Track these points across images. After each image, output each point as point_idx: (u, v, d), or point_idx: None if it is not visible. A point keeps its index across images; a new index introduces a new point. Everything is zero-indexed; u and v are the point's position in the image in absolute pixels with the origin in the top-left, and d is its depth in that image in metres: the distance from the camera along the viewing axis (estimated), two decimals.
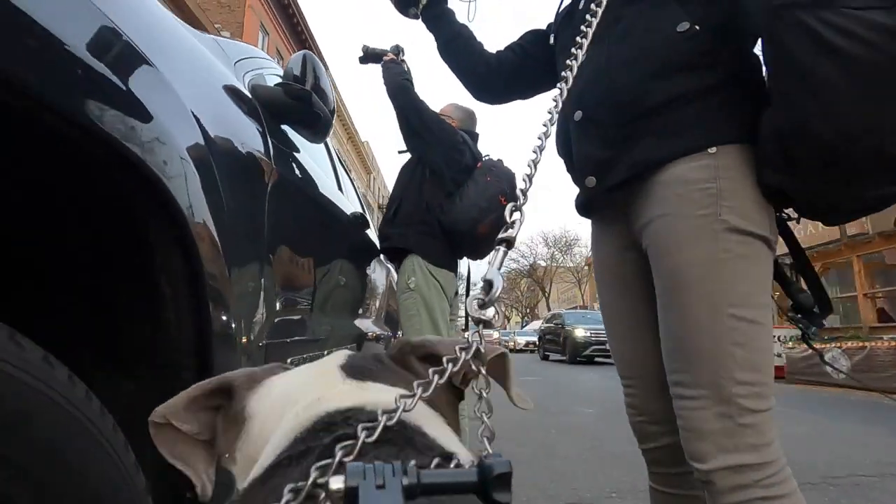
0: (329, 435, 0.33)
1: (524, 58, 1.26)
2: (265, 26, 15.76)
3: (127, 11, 0.71)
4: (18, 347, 0.44)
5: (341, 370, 0.43)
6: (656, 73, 0.89)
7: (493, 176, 2.08)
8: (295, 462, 0.32)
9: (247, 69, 1.35)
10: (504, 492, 0.25)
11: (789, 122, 0.77)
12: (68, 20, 0.56)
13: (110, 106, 0.60)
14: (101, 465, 0.51)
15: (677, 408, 0.86)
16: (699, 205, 0.84)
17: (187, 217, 0.72)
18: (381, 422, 0.32)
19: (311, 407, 0.37)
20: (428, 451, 0.33)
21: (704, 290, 0.83)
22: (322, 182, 1.70)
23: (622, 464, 2.89)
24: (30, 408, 0.43)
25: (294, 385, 0.43)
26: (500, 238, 0.57)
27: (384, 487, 0.23)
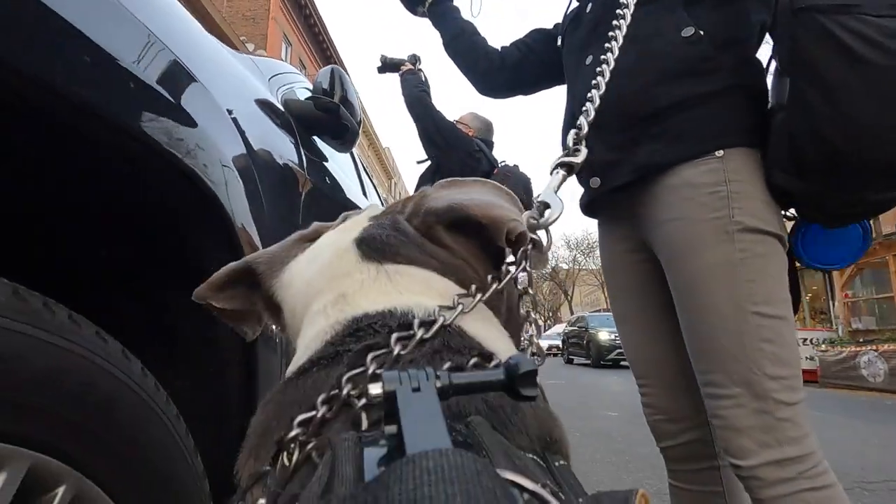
0: (357, 342, 0.33)
1: (527, 55, 1.30)
2: (288, 37, 16.11)
3: (177, 36, 0.77)
4: (104, 342, 0.50)
5: (356, 247, 0.40)
6: (660, 78, 0.91)
7: (508, 182, 2.12)
8: (325, 367, 0.32)
9: (280, 84, 1.42)
10: (530, 388, 0.26)
11: (802, 125, 0.79)
12: (127, 44, 0.61)
13: (163, 121, 0.66)
14: (167, 447, 0.57)
15: (712, 407, 0.87)
16: (711, 208, 0.86)
17: (233, 221, 0.78)
18: (417, 335, 0.32)
19: (337, 306, 0.37)
20: (466, 351, 0.33)
21: (726, 290, 0.85)
22: (349, 188, 1.77)
23: (647, 466, 2.88)
24: (114, 394, 0.50)
25: (315, 271, 0.41)
26: (559, 161, 0.56)
27: (419, 390, 0.23)
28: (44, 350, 0.43)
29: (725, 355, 0.84)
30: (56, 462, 0.45)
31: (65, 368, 0.45)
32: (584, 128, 0.64)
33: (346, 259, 0.40)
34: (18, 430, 0.41)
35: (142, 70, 0.63)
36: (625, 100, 0.93)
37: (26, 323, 0.42)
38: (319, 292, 0.39)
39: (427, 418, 0.22)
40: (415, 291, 0.37)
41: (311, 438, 0.28)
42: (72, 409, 0.46)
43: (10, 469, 0.41)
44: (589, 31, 1.04)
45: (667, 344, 0.99)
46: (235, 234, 0.79)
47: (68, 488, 0.46)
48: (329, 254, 0.41)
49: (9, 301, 0.41)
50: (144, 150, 0.63)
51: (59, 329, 0.45)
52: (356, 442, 0.23)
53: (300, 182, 1.18)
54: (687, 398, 0.98)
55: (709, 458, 0.97)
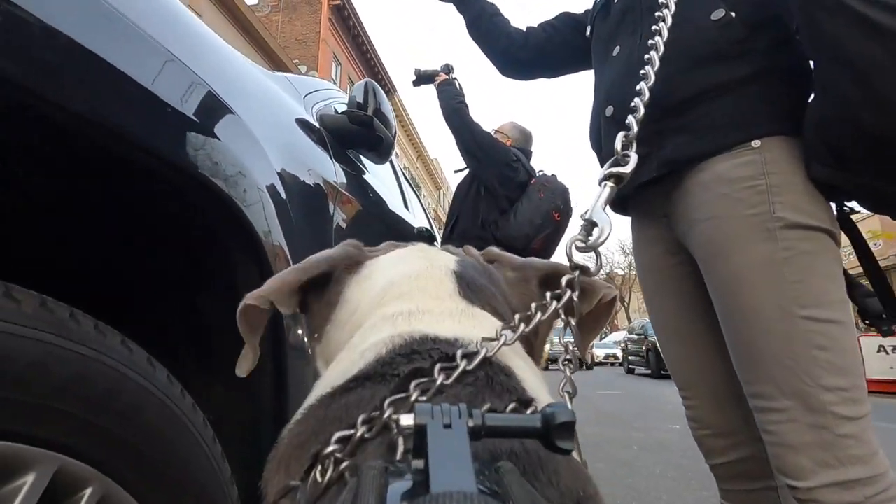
0: (408, 364, 0.33)
1: (553, 36, 1.27)
2: (337, 57, 16.76)
3: (214, 67, 0.82)
4: (129, 351, 0.53)
5: (455, 280, 0.41)
6: (687, 65, 0.86)
7: (546, 192, 2.09)
8: (370, 386, 0.32)
9: (315, 101, 1.47)
10: (567, 440, 0.25)
11: (833, 111, 0.72)
12: (164, 79, 0.66)
13: (199, 149, 0.70)
14: (194, 452, 0.59)
15: (761, 422, 0.81)
16: (748, 203, 0.80)
17: (264, 240, 0.82)
18: (460, 366, 0.32)
19: (409, 320, 0.37)
20: (506, 395, 0.33)
21: (770, 293, 0.78)
22: (388, 200, 1.80)
23: (711, 484, 2.70)
24: (140, 401, 0.52)
25: (399, 276, 0.41)
26: (607, 173, 0.53)
27: (450, 427, 0.23)
28: (69, 358, 0.46)
29: (772, 364, 0.77)
30: (82, 465, 0.47)
31: (90, 375, 0.48)
32: (633, 127, 0.60)
33: (442, 285, 0.41)
34: (46, 433, 0.44)
35: (182, 104, 0.68)
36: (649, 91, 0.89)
37: (53, 332, 0.45)
38: (400, 297, 0.39)
39: (455, 458, 0.22)
40: (487, 332, 0.38)
41: (346, 457, 0.29)
42: (97, 415, 0.48)
43: (39, 470, 0.44)
44: (618, 21, 1.00)
45: (711, 352, 0.92)
46: (265, 250, 0.82)
47: (95, 490, 0.48)
48: (422, 268, 0.42)
49: (36, 312, 0.44)
50: (187, 178, 0.68)
51: (85, 338, 0.48)
52: (382, 472, 0.23)
53: (331, 195, 1.21)
54: (736, 411, 0.91)
55: (764, 477, 0.89)
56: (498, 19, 1.37)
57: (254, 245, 0.81)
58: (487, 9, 1.38)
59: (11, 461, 0.43)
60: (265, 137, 0.92)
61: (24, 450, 0.43)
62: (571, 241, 0.44)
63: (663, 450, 3.72)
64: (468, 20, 1.40)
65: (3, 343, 0.41)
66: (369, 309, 0.40)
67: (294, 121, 1.18)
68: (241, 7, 11.14)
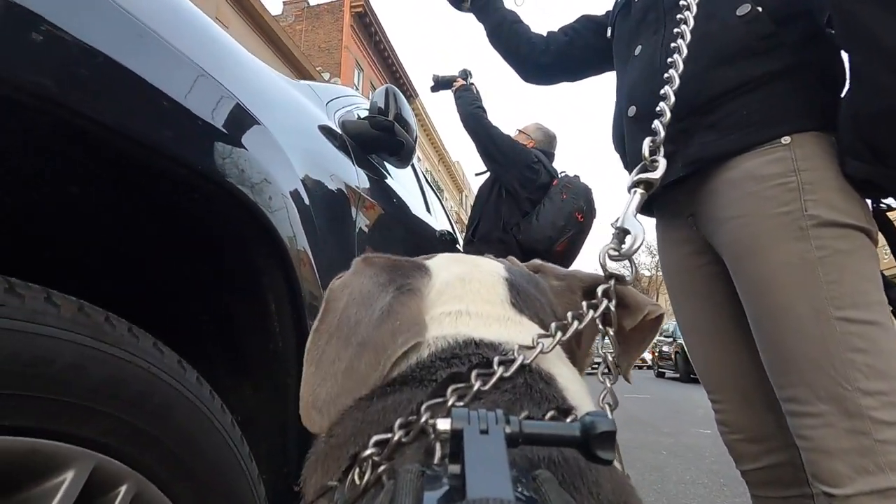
0: (446, 368, 0.33)
1: (574, 39, 1.26)
2: (360, 63, 16.98)
3: (240, 79, 0.85)
4: (160, 353, 0.55)
5: (507, 287, 0.41)
6: (712, 62, 0.84)
7: (568, 193, 2.07)
8: (408, 390, 0.33)
9: (337, 107, 1.50)
10: (607, 450, 0.24)
11: (870, 105, 0.69)
12: (195, 93, 0.69)
13: (226, 158, 0.73)
14: (222, 452, 0.61)
15: (795, 426, 0.78)
16: (778, 202, 0.77)
17: (288, 246, 0.83)
18: (497, 372, 0.32)
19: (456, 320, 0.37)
20: (545, 404, 0.32)
21: (804, 293, 0.75)
22: (410, 204, 1.81)
23: (745, 490, 2.62)
24: (171, 401, 0.54)
25: (454, 277, 0.42)
26: (636, 180, 0.53)
27: (487, 433, 0.23)
28: (105, 360, 0.48)
29: (807, 367, 0.74)
30: (118, 463, 0.49)
31: (124, 377, 0.50)
32: (660, 132, 0.60)
33: (494, 290, 0.41)
34: (83, 432, 0.46)
35: (211, 117, 0.71)
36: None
37: (89, 336, 0.47)
38: (453, 299, 0.40)
39: (491, 464, 0.21)
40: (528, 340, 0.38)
41: (384, 461, 0.29)
42: (131, 415, 0.50)
43: (77, 468, 0.46)
44: (638, 21, 0.99)
45: (741, 354, 0.90)
46: (289, 256, 0.84)
47: (129, 487, 0.50)
48: (475, 272, 0.42)
49: (74, 316, 0.46)
50: (215, 187, 0.70)
51: (119, 341, 0.50)
52: (419, 476, 0.23)
53: (354, 200, 1.22)
54: (768, 415, 0.88)
55: (798, 484, 0.87)
56: (518, 26, 1.37)
57: (279, 250, 0.83)
58: (508, 16, 1.38)
59: (52, 459, 0.45)
60: (289, 145, 0.95)
61: (63, 448, 0.45)
62: (605, 250, 0.43)
63: (694, 455, 3.63)
64: (489, 29, 1.40)
65: (44, 345, 0.43)
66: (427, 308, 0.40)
67: (317, 128, 1.20)
68: (266, 17, 11.40)
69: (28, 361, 0.42)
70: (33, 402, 0.43)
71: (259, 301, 0.85)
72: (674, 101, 0.87)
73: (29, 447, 0.43)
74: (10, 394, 0.41)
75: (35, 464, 0.44)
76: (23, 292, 0.44)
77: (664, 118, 0.63)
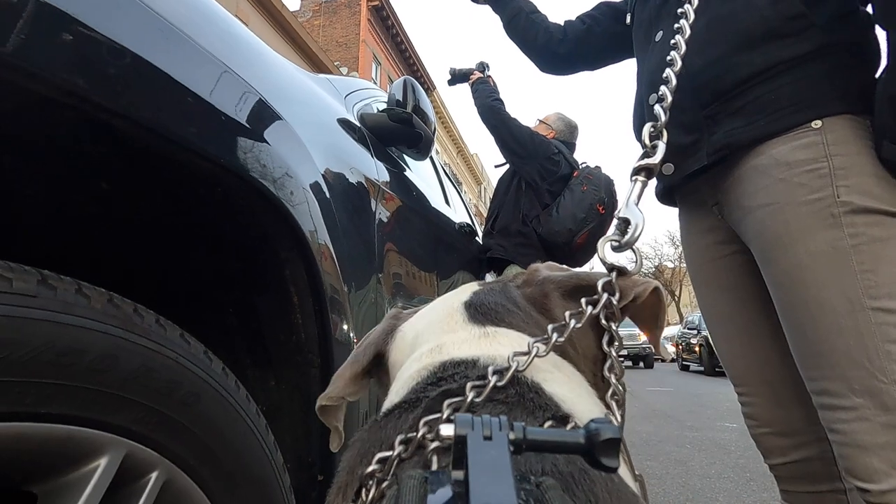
0: (437, 388, 0.34)
1: (592, 27, 1.24)
2: (377, 57, 16.99)
3: (262, 74, 0.86)
4: (187, 344, 0.56)
5: (464, 310, 0.42)
6: (737, 45, 0.81)
7: (589, 185, 2.04)
8: (406, 410, 0.34)
9: (355, 101, 1.50)
10: (611, 457, 0.24)
11: None
12: (219, 89, 0.70)
13: (249, 153, 0.73)
14: (248, 440, 0.62)
15: (828, 420, 0.76)
16: (809, 188, 0.75)
17: (310, 239, 0.84)
18: (490, 382, 0.32)
19: (431, 355, 0.39)
20: (539, 412, 0.32)
21: (837, 283, 0.73)
22: (429, 196, 1.81)
23: (774, 485, 2.57)
24: (198, 391, 0.55)
25: (421, 326, 0.44)
26: (637, 167, 0.51)
27: (491, 439, 0.23)
28: (135, 350, 0.49)
29: (840, 359, 0.72)
30: (148, 450, 0.51)
31: (153, 367, 0.51)
32: (661, 117, 0.59)
33: (454, 319, 0.42)
34: (116, 420, 0.48)
35: (235, 112, 0.72)
36: (695, 76, 0.84)
37: (120, 326, 0.48)
38: (422, 343, 0.41)
39: (495, 470, 0.21)
40: (506, 347, 0.38)
41: (386, 476, 0.30)
42: (161, 404, 0.52)
43: (111, 454, 0.47)
44: (659, 5, 0.96)
45: (768, 346, 0.87)
46: (311, 249, 0.85)
47: (160, 474, 0.51)
48: (439, 313, 0.44)
49: (104, 307, 0.48)
50: (239, 181, 0.71)
51: (147, 332, 0.51)
52: (422, 482, 0.23)
53: (374, 192, 1.23)
54: (797, 409, 0.86)
55: (830, 479, 0.84)
56: (535, 16, 1.35)
57: (301, 244, 0.83)
58: (524, 7, 1.36)
59: (86, 445, 0.46)
60: (309, 139, 0.95)
61: (97, 435, 0.46)
62: (605, 241, 0.43)
63: (719, 449, 3.57)
64: (505, 20, 1.39)
65: (77, 336, 0.45)
66: (403, 359, 0.42)
67: (336, 121, 1.21)
68: (285, 14, 11.49)
69: (63, 351, 0.44)
70: (68, 391, 0.44)
71: (282, 293, 0.87)
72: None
73: (65, 434, 0.45)
74: (47, 382, 0.43)
75: (71, 450, 0.46)
76: (55, 284, 0.46)
77: (665, 102, 0.61)
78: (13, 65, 0.44)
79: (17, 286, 0.42)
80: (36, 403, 0.42)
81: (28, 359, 0.42)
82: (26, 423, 0.42)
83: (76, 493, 0.45)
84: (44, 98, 0.48)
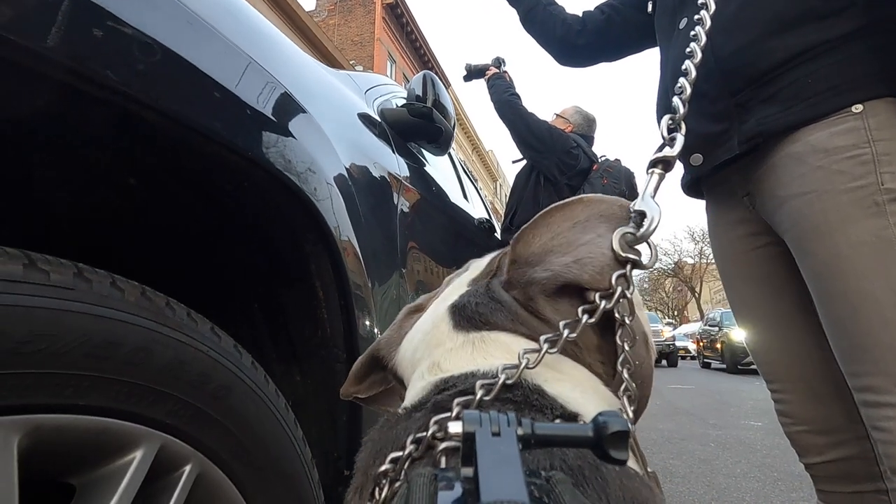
0: (445, 392, 0.35)
1: (612, 17, 1.21)
2: (392, 55, 17.02)
3: (287, 68, 0.86)
4: (217, 337, 0.56)
5: (450, 317, 0.42)
6: (771, 29, 0.78)
7: (609, 178, 2.01)
8: (414, 411, 0.35)
9: (375, 96, 1.50)
10: (620, 450, 0.24)
11: None
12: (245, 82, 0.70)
13: (275, 146, 0.73)
14: (277, 434, 0.62)
15: (872, 418, 0.73)
16: (850, 176, 0.71)
17: (335, 234, 0.84)
18: (499, 380, 0.33)
19: (430, 372, 0.39)
20: (547, 411, 0.33)
21: (880, 275, 0.70)
22: (448, 191, 1.80)
23: (803, 485, 2.50)
24: (229, 384, 0.55)
25: (418, 341, 0.44)
26: (655, 159, 0.50)
27: (499, 435, 0.23)
28: (168, 343, 0.49)
29: (885, 354, 0.69)
30: (182, 443, 0.51)
31: (185, 360, 0.51)
32: (679, 109, 0.57)
33: (440, 328, 0.42)
34: (150, 413, 0.48)
35: (261, 106, 0.72)
36: (726, 61, 0.81)
37: (152, 319, 0.48)
38: (420, 360, 0.42)
39: (504, 466, 0.21)
40: (496, 356, 0.38)
41: (398, 475, 0.30)
42: (193, 397, 0.52)
43: (146, 447, 0.47)
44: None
45: (805, 341, 0.84)
46: (336, 244, 0.84)
47: (193, 467, 0.52)
48: (429, 324, 0.44)
49: (137, 300, 0.48)
50: (265, 175, 0.71)
51: (179, 325, 0.51)
52: (431, 480, 0.23)
53: (396, 188, 1.22)
54: (836, 406, 0.83)
55: (871, 479, 0.81)
56: (553, 8, 1.32)
57: (326, 238, 0.83)
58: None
59: (123, 438, 0.46)
60: (333, 133, 0.95)
61: (133, 428, 0.47)
62: (619, 233, 0.41)
63: (745, 448, 3.50)
64: (522, 13, 1.37)
65: (113, 328, 0.45)
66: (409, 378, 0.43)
67: (357, 116, 1.21)
68: (301, 14, 11.57)
69: (99, 343, 0.44)
70: (104, 383, 0.44)
71: (307, 288, 0.87)
72: (723, 71, 0.82)
73: (102, 427, 0.45)
74: (84, 375, 0.43)
75: (107, 442, 0.46)
76: (91, 277, 0.46)
77: (684, 95, 0.58)
78: (44, 57, 0.44)
79: (55, 279, 0.43)
80: (74, 396, 0.43)
81: (66, 351, 0.42)
82: (65, 415, 0.43)
83: (113, 485, 0.45)
84: (74, 91, 0.48)
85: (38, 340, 0.40)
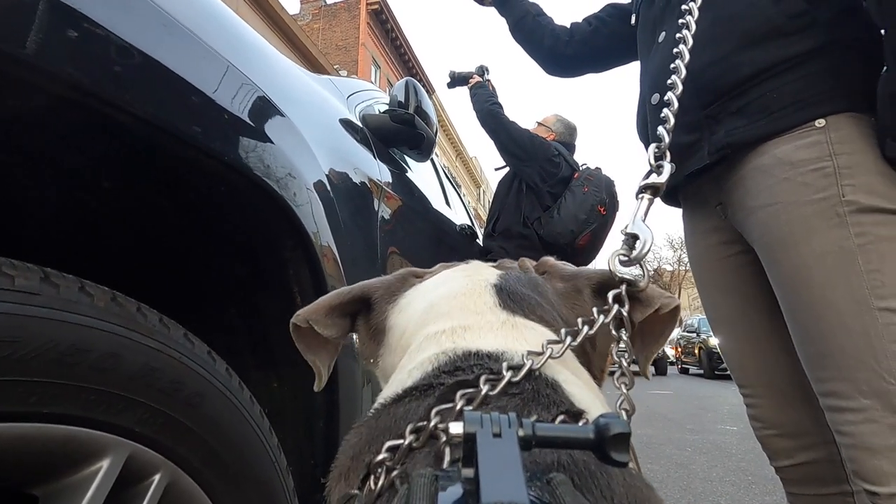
0: (452, 377, 0.34)
1: (599, 28, 1.24)
2: (376, 60, 17.02)
3: (266, 72, 0.85)
4: (191, 344, 0.56)
5: (495, 293, 0.41)
6: (740, 44, 0.81)
7: (590, 186, 2.04)
8: (417, 398, 0.33)
9: (357, 101, 1.50)
10: (621, 452, 0.24)
11: None
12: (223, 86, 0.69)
13: (253, 152, 0.73)
14: (252, 442, 0.61)
15: (836, 422, 0.75)
16: (814, 188, 0.74)
17: (313, 240, 0.84)
18: (505, 377, 0.32)
19: (452, 336, 0.37)
20: (553, 408, 0.32)
21: (843, 283, 0.72)
22: (430, 197, 1.81)
23: (777, 489, 2.55)
24: (201, 391, 0.55)
25: (439, 297, 0.42)
26: (644, 185, 0.52)
27: (500, 436, 0.23)
28: (138, 349, 0.49)
29: (848, 360, 0.71)
30: (152, 452, 0.50)
31: (157, 367, 0.50)
32: (664, 138, 0.59)
33: (481, 299, 0.41)
34: (119, 421, 0.47)
35: (239, 110, 0.71)
36: (698, 74, 0.84)
37: (122, 325, 0.48)
38: (441, 316, 0.40)
39: (505, 467, 0.21)
40: (531, 344, 0.37)
41: (396, 465, 0.29)
42: (164, 404, 0.51)
43: (114, 456, 0.46)
44: (663, 6, 0.96)
45: (774, 347, 0.87)
46: (314, 250, 0.84)
47: (163, 476, 0.51)
48: (461, 286, 0.43)
49: (107, 306, 0.47)
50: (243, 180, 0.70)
51: (151, 331, 0.50)
52: (432, 480, 0.23)
53: (377, 193, 1.22)
54: (804, 410, 0.85)
55: (837, 481, 0.84)
56: (542, 18, 1.35)
57: (304, 244, 0.83)
58: (531, 9, 1.36)
59: (89, 446, 0.45)
60: (313, 139, 0.95)
61: (100, 436, 0.46)
62: (614, 255, 0.43)
63: (720, 452, 3.56)
64: (511, 22, 1.39)
65: (80, 334, 0.44)
66: (414, 331, 0.41)
67: (339, 121, 1.20)
68: (284, 17, 11.51)
69: (66, 350, 0.43)
70: (71, 390, 0.43)
71: (285, 294, 0.86)
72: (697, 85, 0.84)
73: (67, 435, 0.44)
74: (50, 382, 0.42)
75: (73, 451, 0.45)
76: (58, 282, 0.45)
77: (668, 125, 0.61)
78: (19, 60, 0.43)
79: (20, 283, 0.42)
80: (38, 403, 0.41)
81: (31, 357, 0.41)
82: (28, 423, 0.41)
83: (78, 496, 0.44)
84: (48, 95, 0.47)
85: (2, 346, 0.39)
